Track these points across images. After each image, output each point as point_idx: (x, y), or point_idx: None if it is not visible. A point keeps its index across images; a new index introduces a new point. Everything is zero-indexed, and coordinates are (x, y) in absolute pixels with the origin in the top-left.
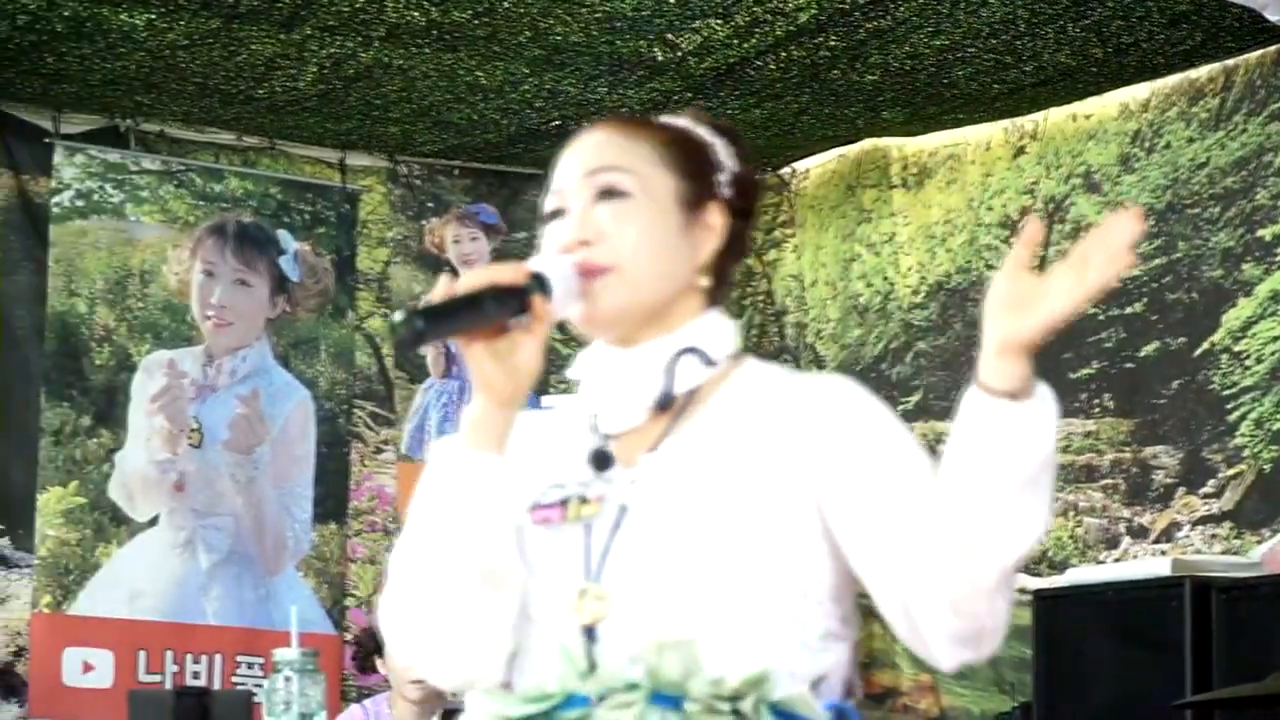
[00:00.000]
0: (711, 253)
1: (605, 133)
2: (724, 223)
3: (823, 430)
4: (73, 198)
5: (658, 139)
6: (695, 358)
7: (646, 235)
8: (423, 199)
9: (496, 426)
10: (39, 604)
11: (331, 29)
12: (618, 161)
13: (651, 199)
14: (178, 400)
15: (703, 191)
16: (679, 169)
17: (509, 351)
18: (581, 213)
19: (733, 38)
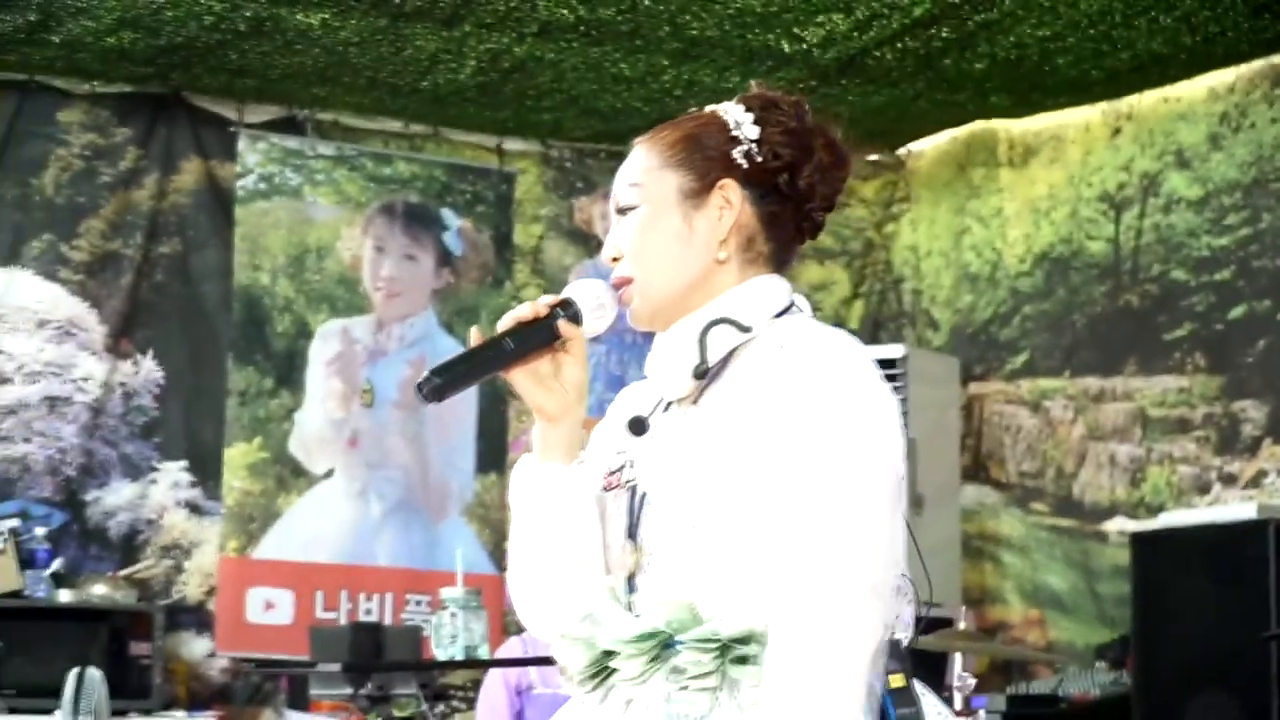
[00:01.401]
0: (732, 225)
1: (636, 148)
2: (742, 193)
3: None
4: (255, 181)
5: (667, 140)
6: (727, 326)
7: (649, 244)
8: (572, 179)
9: (555, 440)
10: (226, 548)
11: (489, 26)
12: (629, 177)
13: (652, 204)
14: (351, 364)
15: (710, 174)
16: (681, 164)
17: (553, 373)
18: (612, 230)
19: (853, 30)
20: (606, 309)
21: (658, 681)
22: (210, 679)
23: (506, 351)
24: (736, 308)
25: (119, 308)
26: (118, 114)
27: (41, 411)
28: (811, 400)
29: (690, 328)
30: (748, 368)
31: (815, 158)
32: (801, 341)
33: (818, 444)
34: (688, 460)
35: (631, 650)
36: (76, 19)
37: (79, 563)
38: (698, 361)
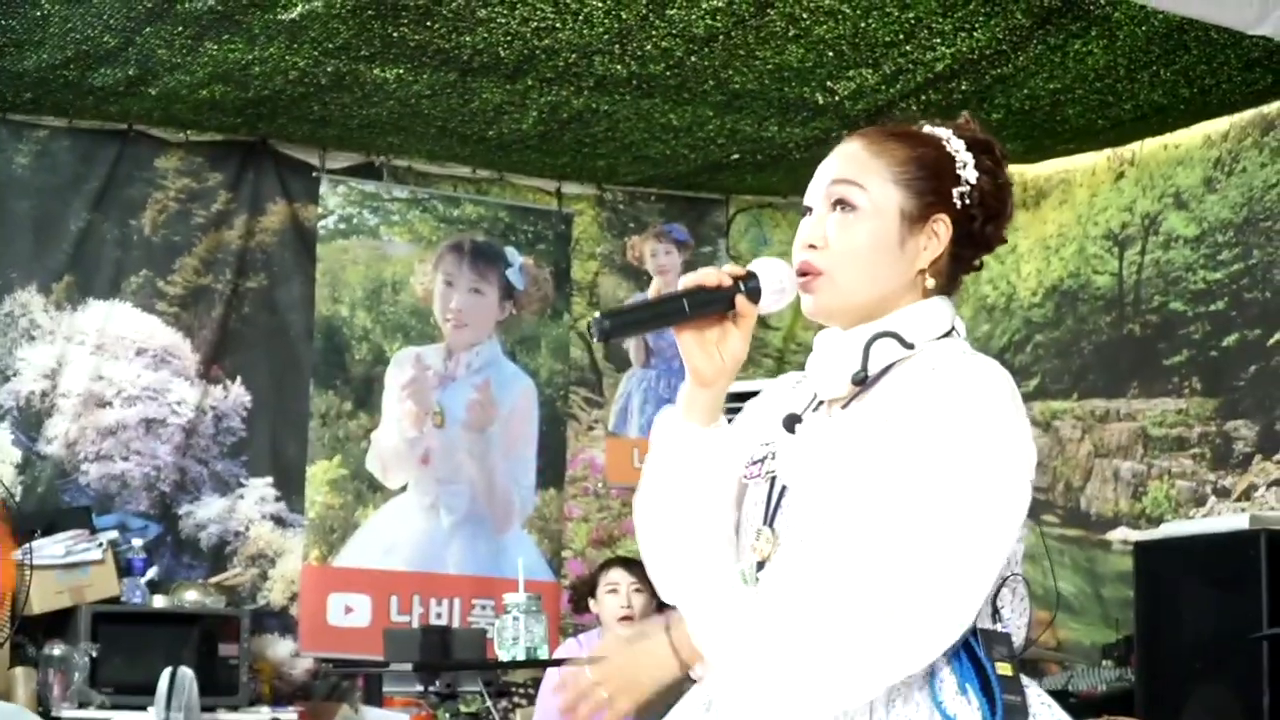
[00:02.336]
0: (933, 258)
1: (856, 145)
2: (951, 231)
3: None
4: (336, 221)
5: (898, 156)
6: (892, 340)
7: (862, 247)
8: (625, 220)
9: (700, 402)
10: (309, 557)
11: (549, 80)
12: (854, 176)
13: (876, 213)
14: (423, 388)
15: (932, 205)
16: (910, 186)
17: (718, 340)
18: (819, 217)
19: (881, 84)
20: (786, 293)
21: None
22: (292, 678)
23: (681, 312)
24: (905, 325)
25: (210, 337)
26: (210, 160)
27: (139, 432)
28: (947, 419)
29: (859, 336)
30: (901, 382)
31: (1008, 211)
32: (952, 365)
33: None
34: (829, 460)
35: None
36: (172, 74)
37: (172, 571)
38: (858, 369)
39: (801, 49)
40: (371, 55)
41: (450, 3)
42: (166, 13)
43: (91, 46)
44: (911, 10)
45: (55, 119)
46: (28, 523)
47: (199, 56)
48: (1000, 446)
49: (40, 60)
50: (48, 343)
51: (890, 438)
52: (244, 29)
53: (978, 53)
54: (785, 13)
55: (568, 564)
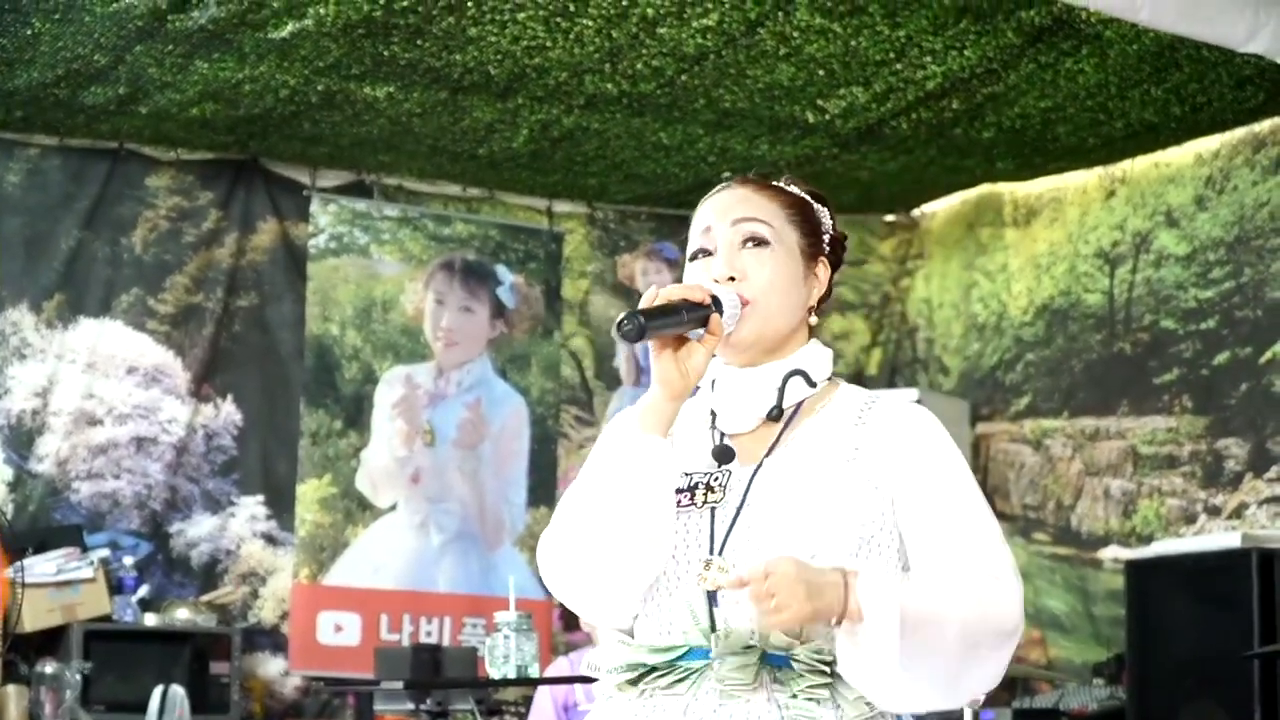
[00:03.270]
0: (817, 297)
1: (745, 190)
2: (828, 273)
3: (900, 450)
4: (326, 240)
5: (783, 200)
6: (801, 379)
7: (779, 277)
8: (616, 239)
9: (665, 415)
10: (299, 575)
11: (540, 99)
12: (759, 215)
13: (784, 249)
14: (414, 407)
15: (815, 247)
16: (799, 227)
17: (686, 357)
18: (729, 254)
19: (871, 102)
20: (733, 320)
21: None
22: (284, 696)
23: (681, 320)
24: (809, 364)
25: (201, 356)
26: (201, 179)
27: (130, 451)
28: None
29: (769, 373)
30: (829, 419)
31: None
32: (883, 405)
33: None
34: (789, 494)
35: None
36: (163, 92)
37: (164, 589)
38: (773, 405)
39: (792, 68)
40: (362, 74)
41: (441, 21)
42: (157, 31)
43: (82, 65)
44: (902, 29)
45: (46, 137)
46: (19, 541)
47: (190, 75)
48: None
49: (31, 79)
50: (39, 361)
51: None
52: (235, 48)
53: (969, 71)
54: (776, 32)
55: None
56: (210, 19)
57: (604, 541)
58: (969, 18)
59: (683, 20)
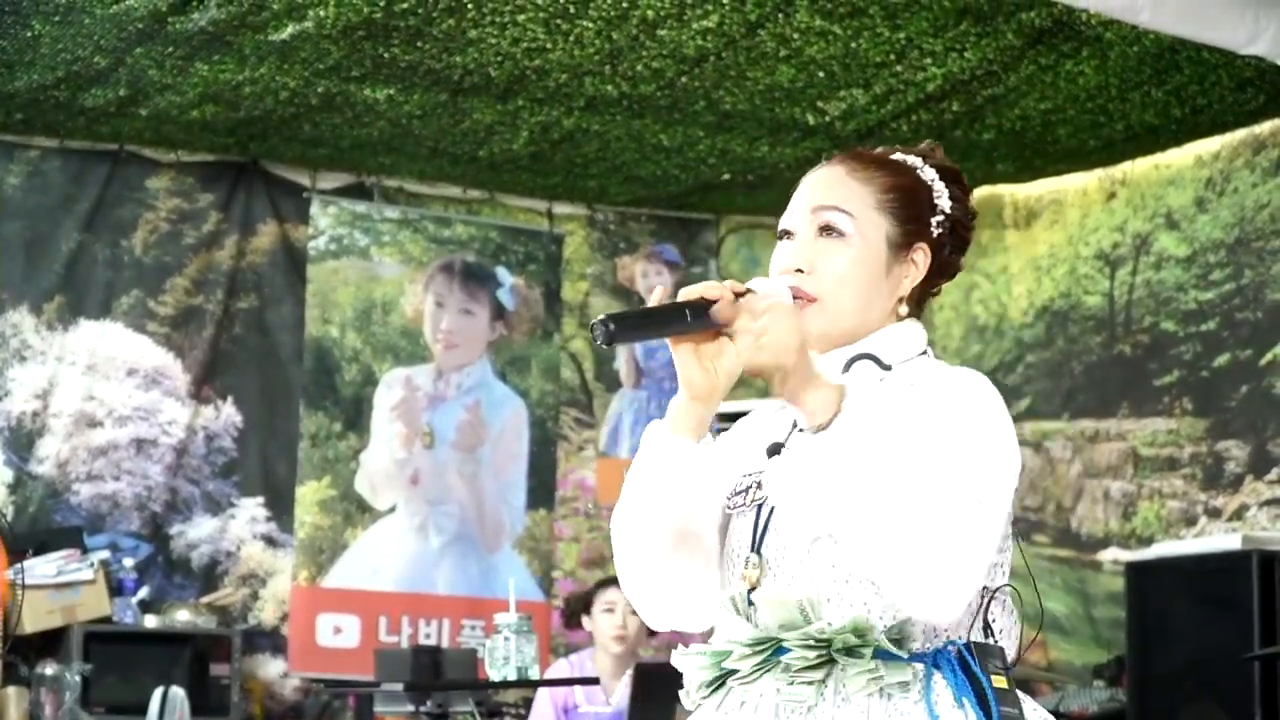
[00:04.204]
0: (912, 286)
1: (839, 170)
2: (929, 260)
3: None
4: (326, 242)
5: (882, 184)
6: (870, 362)
7: (852, 274)
8: (616, 240)
9: (691, 416)
10: (298, 577)
11: (540, 100)
12: (841, 203)
13: (864, 240)
14: (413, 409)
15: (913, 234)
16: (895, 214)
17: (714, 354)
18: (803, 242)
19: (872, 104)
20: None
21: (769, 680)
22: (284, 697)
23: (683, 321)
24: (882, 347)
25: (201, 357)
26: (201, 181)
27: (130, 452)
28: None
29: (837, 359)
30: (881, 399)
31: (968, 243)
32: (931, 377)
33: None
34: (816, 476)
35: (745, 652)
36: (163, 94)
37: (164, 591)
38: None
39: (792, 69)
40: (362, 76)
41: (441, 23)
42: (157, 33)
43: (82, 67)
44: (902, 31)
45: (46, 139)
46: (19, 543)
47: (190, 77)
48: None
49: (31, 81)
50: (39, 363)
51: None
52: (235, 50)
53: (969, 73)
54: (776, 33)
55: (558, 584)
56: (210, 21)
57: (647, 549)
58: (969, 20)
59: (683, 22)
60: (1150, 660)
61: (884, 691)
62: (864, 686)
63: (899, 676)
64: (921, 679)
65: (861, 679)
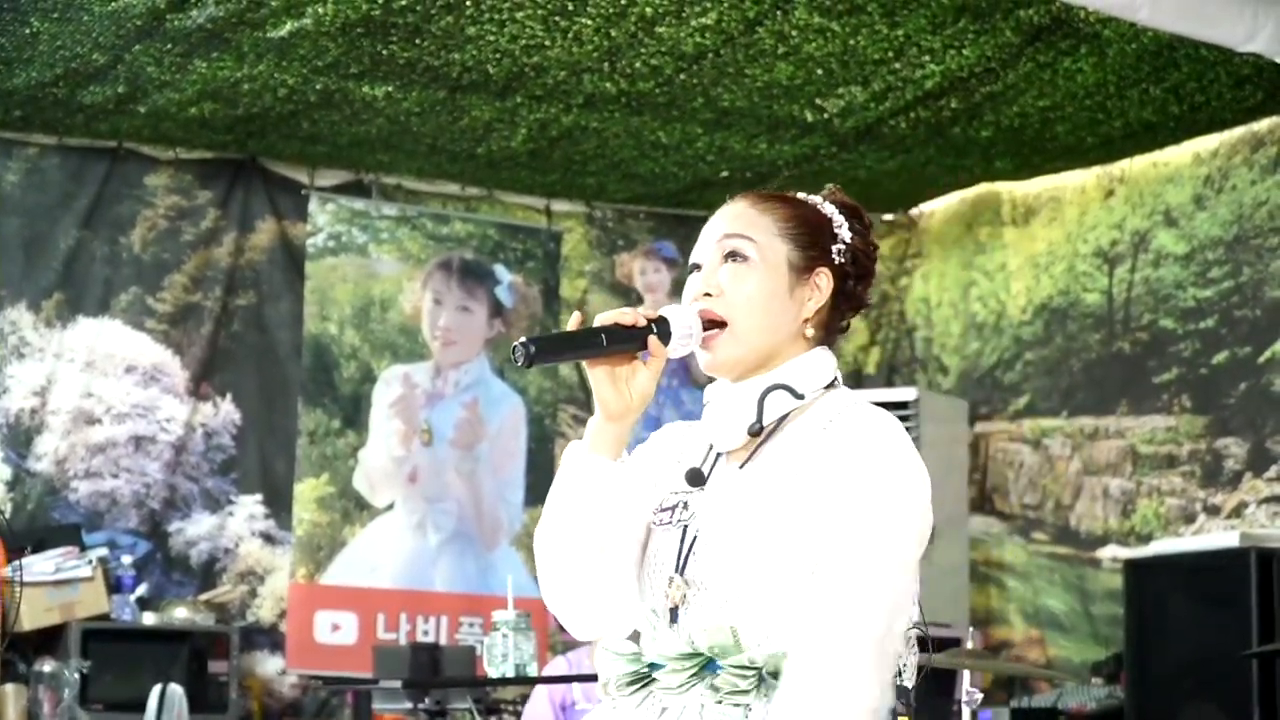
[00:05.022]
0: (816, 309)
1: (741, 205)
2: (832, 285)
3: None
4: (325, 239)
5: (781, 214)
6: (784, 392)
7: (757, 294)
8: (614, 238)
9: (608, 435)
10: (296, 575)
11: (538, 98)
12: (744, 230)
13: (766, 264)
14: (411, 406)
15: (814, 259)
16: (795, 240)
17: (628, 377)
18: (711, 270)
19: (870, 101)
20: (692, 340)
21: (695, 694)
22: (282, 695)
23: (598, 345)
24: (795, 376)
25: (199, 355)
26: (199, 178)
27: (129, 450)
28: (855, 468)
29: (753, 388)
30: (799, 433)
31: (872, 274)
32: (848, 417)
33: (855, 505)
34: (743, 514)
35: (676, 665)
36: (162, 91)
37: (162, 588)
38: (754, 420)
39: (791, 67)
40: (361, 73)
41: (439, 20)
42: (156, 31)
43: (81, 64)
44: (901, 28)
45: (45, 136)
46: (17, 540)
47: (188, 74)
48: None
49: (30, 78)
50: (37, 360)
51: (802, 485)
52: (233, 47)
53: (967, 70)
54: (774, 30)
55: None
56: (209, 18)
57: (569, 563)
58: (967, 17)
59: (681, 19)
60: (1149, 657)
61: None
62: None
63: None
64: None
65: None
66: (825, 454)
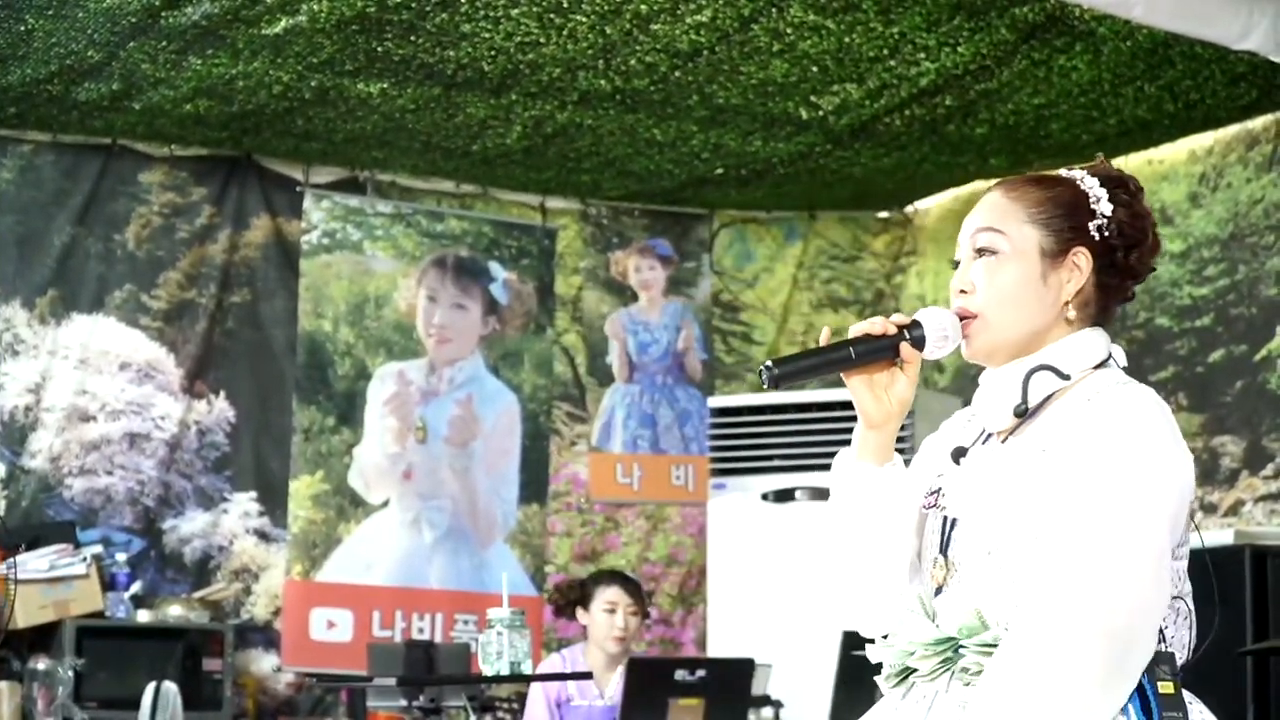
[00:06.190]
0: (1077, 289)
1: (994, 195)
2: (1091, 262)
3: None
4: (320, 236)
5: (1032, 198)
6: (1048, 373)
7: (1008, 287)
8: (609, 235)
9: (872, 443)
10: (291, 572)
11: (533, 95)
12: (993, 223)
13: (1017, 254)
14: (406, 403)
15: (1070, 240)
16: (1046, 224)
17: (887, 384)
18: (964, 266)
19: (865, 99)
20: (949, 340)
21: (946, 679)
22: (276, 692)
23: (847, 359)
24: (1061, 357)
25: (194, 352)
26: (194, 175)
27: (123, 447)
28: (1102, 444)
29: (1018, 370)
30: (1060, 413)
31: (1149, 240)
32: (1108, 396)
33: (1096, 483)
34: (992, 491)
35: (927, 652)
36: (156, 88)
37: (156, 585)
38: (1019, 401)
39: (786, 64)
40: (356, 70)
41: (434, 17)
42: (151, 28)
43: (76, 61)
44: (896, 25)
45: (39, 133)
46: (12, 537)
47: (183, 71)
48: (1153, 470)
49: (24, 75)
50: (31, 357)
51: (1054, 465)
52: (228, 44)
53: (962, 68)
54: (769, 28)
55: (550, 579)
56: (204, 15)
57: (850, 571)
58: (962, 15)
59: (676, 16)
60: None
61: None
62: None
63: None
64: None
65: None
66: (1079, 430)
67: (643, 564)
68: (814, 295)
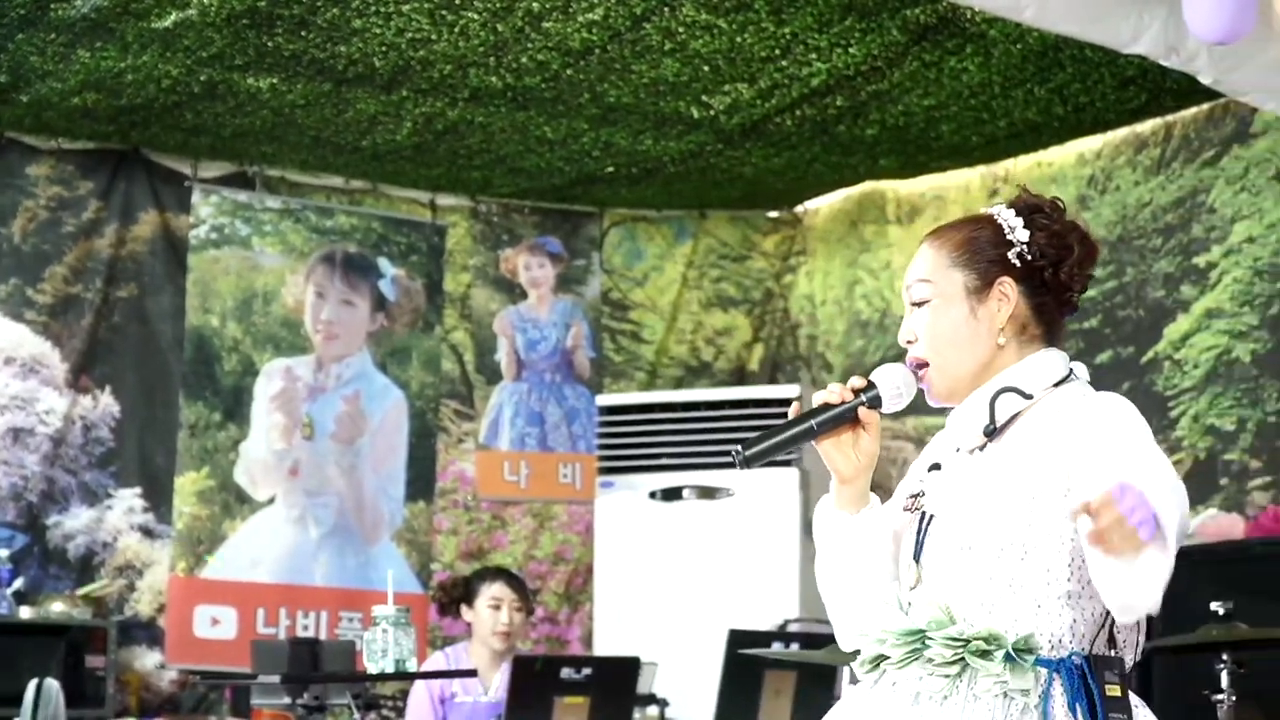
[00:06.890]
0: (1010, 315)
1: (924, 245)
2: (1017, 287)
3: (1079, 436)
4: (207, 231)
5: (954, 242)
6: (1013, 394)
7: (943, 331)
8: (499, 232)
9: (845, 494)
10: (176, 568)
11: (424, 91)
12: (923, 274)
13: (946, 299)
14: (293, 400)
15: (992, 273)
16: (968, 264)
17: (853, 442)
18: (907, 318)
19: (756, 98)
20: (904, 394)
21: (914, 668)
22: (160, 689)
23: (811, 431)
24: (1021, 378)
25: (79, 346)
26: (81, 169)
27: (6, 442)
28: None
29: (982, 396)
30: (1029, 423)
31: (1074, 253)
32: (1077, 403)
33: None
34: (968, 490)
35: (897, 641)
36: (44, 80)
37: (39, 582)
38: (987, 422)
39: (677, 63)
40: (245, 64)
41: (325, 12)
42: (39, 20)
43: None
44: (787, 26)
45: None
46: None
47: (71, 64)
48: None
49: None
50: None
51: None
52: (117, 37)
53: (853, 69)
54: (661, 27)
55: (436, 577)
56: (93, 8)
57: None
58: (854, 15)
59: (568, 15)
60: None
61: (1008, 694)
62: (990, 688)
63: (1022, 682)
64: (1043, 685)
65: (989, 681)
66: (1052, 432)
67: (529, 562)
68: (703, 294)
